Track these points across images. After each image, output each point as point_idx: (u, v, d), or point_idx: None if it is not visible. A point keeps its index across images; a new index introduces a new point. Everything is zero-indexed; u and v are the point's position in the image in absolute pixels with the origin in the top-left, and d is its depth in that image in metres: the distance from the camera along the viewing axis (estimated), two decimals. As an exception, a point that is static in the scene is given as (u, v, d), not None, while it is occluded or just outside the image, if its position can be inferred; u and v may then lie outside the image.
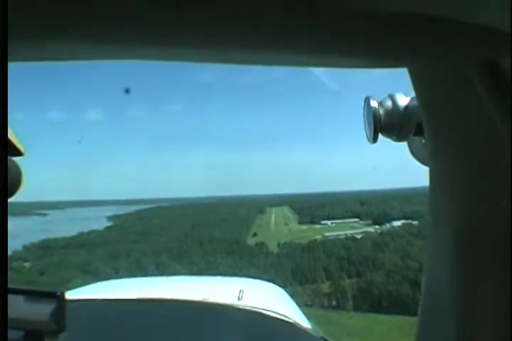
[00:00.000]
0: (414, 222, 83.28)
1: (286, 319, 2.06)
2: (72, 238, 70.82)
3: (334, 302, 52.12)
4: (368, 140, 0.86)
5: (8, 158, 0.75)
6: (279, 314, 2.07)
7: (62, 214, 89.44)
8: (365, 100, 0.86)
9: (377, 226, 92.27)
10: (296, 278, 58.97)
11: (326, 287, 57.03)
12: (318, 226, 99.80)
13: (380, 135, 0.88)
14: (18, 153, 0.83)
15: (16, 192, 0.81)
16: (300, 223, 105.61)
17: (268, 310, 2.03)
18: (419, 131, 0.84)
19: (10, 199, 0.64)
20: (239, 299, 2.31)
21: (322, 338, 1.98)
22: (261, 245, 79.32)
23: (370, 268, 58.82)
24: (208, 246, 78.52)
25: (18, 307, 1.36)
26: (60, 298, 1.38)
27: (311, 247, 74.43)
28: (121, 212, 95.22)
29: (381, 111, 0.83)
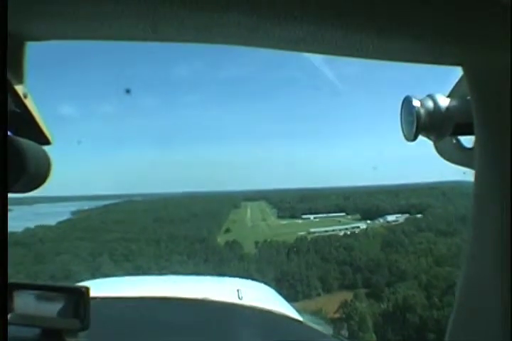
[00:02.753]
0: (419, 216, 69.79)
1: (295, 318, 2.04)
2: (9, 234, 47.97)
3: (344, 332, 30.55)
4: (407, 139, 0.83)
5: (38, 146, 0.72)
6: (285, 313, 2.03)
7: (27, 209, 79.28)
8: (404, 99, 0.83)
9: (368, 221, 77.69)
10: (282, 293, 37.53)
11: (328, 306, 36.39)
12: (299, 221, 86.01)
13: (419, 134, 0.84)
14: (47, 142, 0.76)
15: (45, 182, 0.75)
16: (279, 217, 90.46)
17: (274, 310, 1.98)
18: (456, 132, 0.81)
19: None
20: (239, 298, 2.13)
21: (333, 336, 1.98)
22: (233, 244, 58.18)
23: (394, 279, 38.65)
24: (166, 245, 57.99)
25: (35, 303, 1.30)
26: (84, 294, 1.30)
27: (299, 247, 53.16)
28: (86, 207, 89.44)
29: (422, 111, 0.79)
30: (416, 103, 0.80)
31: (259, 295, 2.51)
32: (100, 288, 2.08)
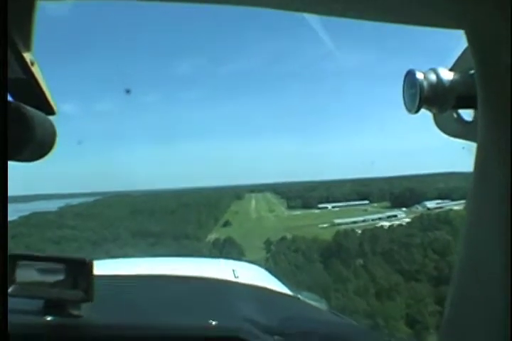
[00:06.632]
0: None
1: (293, 295, 2.07)
2: None
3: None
4: (409, 111, 0.82)
5: (44, 115, 0.71)
6: (283, 291, 2.05)
7: (19, 206, 68.66)
8: (407, 73, 0.82)
9: (404, 209, 60.50)
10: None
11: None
12: (315, 211, 69.50)
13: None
14: (52, 112, 0.73)
15: (50, 152, 0.73)
16: (290, 208, 72.96)
17: (272, 288, 1.99)
18: (458, 104, 0.80)
19: None
20: (235, 277, 2.09)
21: (330, 312, 1.98)
22: (228, 244, 34.35)
23: None
24: (133, 244, 38.19)
25: (38, 275, 1.25)
26: (88, 266, 1.25)
27: (344, 249, 28.76)
28: (75, 202, 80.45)
29: (425, 84, 0.78)
30: (419, 75, 0.78)
31: (254, 275, 2.46)
32: (97, 268, 1.79)
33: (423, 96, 0.76)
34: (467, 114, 0.81)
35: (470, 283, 0.70)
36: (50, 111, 0.72)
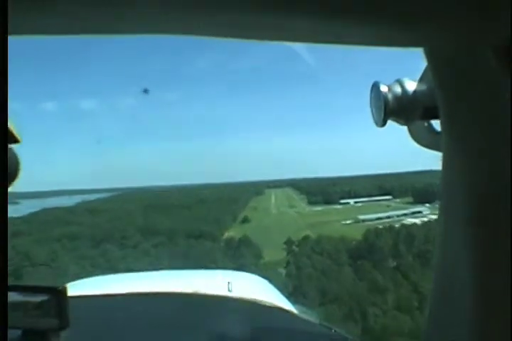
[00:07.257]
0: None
1: (283, 307, 1.95)
2: None
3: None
4: (376, 124, 0.80)
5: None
6: (274, 304, 1.93)
7: (34, 202, 74.24)
8: (372, 85, 0.80)
9: (427, 205, 60.06)
10: None
11: None
12: (338, 206, 68.12)
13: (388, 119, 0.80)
14: (15, 141, 0.75)
15: (15, 181, 0.74)
16: (310, 203, 71.36)
17: (263, 300, 1.90)
18: (425, 115, 0.78)
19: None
20: (229, 290, 2.04)
21: (321, 324, 1.85)
22: (245, 244, 31.08)
23: None
24: (138, 244, 35.68)
25: (16, 304, 1.25)
26: (62, 293, 1.23)
27: (377, 250, 24.56)
28: (92, 198, 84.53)
29: (390, 96, 0.77)
30: (384, 88, 0.77)
31: (250, 287, 2.35)
32: (89, 286, 2.02)
33: (388, 109, 0.76)
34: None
35: (443, 283, 0.72)
36: (13, 140, 0.72)
